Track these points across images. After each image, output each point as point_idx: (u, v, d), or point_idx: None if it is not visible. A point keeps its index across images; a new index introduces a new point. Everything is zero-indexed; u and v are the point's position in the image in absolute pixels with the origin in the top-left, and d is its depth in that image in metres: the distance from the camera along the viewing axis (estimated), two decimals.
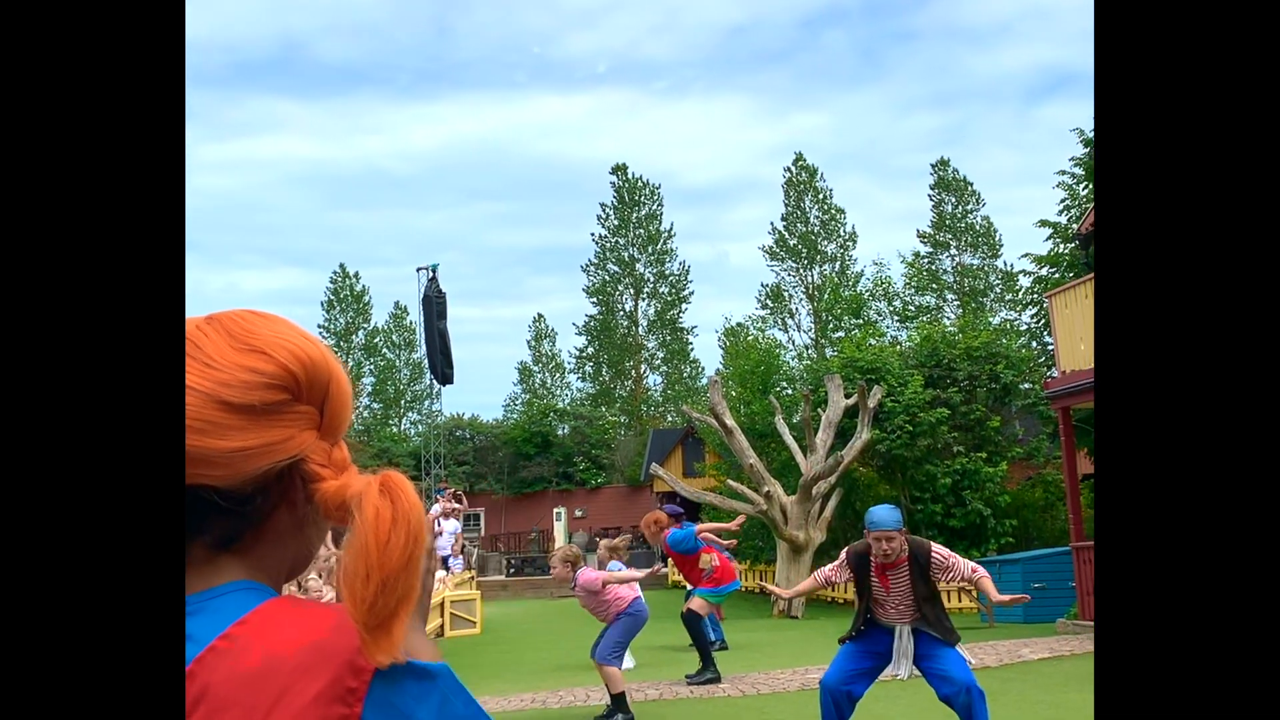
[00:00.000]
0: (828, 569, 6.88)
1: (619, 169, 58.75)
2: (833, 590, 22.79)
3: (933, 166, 55.88)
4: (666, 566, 27.34)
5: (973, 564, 6.62)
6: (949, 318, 42.46)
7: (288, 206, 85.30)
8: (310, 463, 1.08)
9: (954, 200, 54.88)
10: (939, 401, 21.69)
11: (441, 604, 17.89)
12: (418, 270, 29.05)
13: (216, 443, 1.01)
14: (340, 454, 1.11)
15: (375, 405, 57.82)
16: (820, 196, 55.77)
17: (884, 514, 6.45)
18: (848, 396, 21.24)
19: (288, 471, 1.07)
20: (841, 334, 31.33)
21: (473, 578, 23.42)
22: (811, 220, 55.37)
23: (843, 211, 55.59)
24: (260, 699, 0.97)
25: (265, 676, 0.98)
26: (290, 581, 1.17)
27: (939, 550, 6.53)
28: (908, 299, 43.18)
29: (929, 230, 54.65)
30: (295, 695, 0.97)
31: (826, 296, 44.39)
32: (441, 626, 17.90)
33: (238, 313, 1.11)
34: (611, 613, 9.15)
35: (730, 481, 22.31)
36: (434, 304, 28.32)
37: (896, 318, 37.76)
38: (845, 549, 6.77)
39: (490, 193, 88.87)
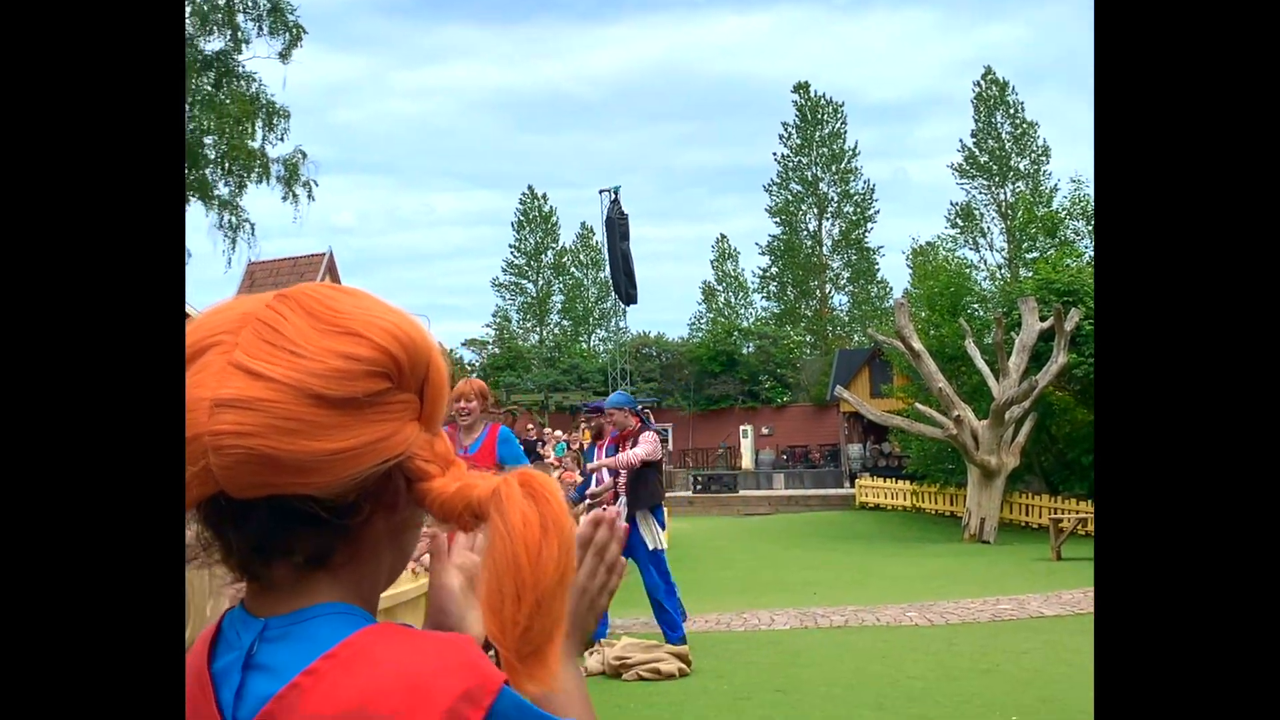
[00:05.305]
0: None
1: (801, 87, 57.67)
2: (1029, 515, 22.36)
3: None
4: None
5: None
6: None
7: (478, 131, 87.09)
8: (416, 459, 0.93)
9: None
10: None
11: None
12: (600, 193, 29.37)
13: (312, 445, 0.86)
14: (442, 446, 0.96)
15: (565, 323, 59.09)
16: (1012, 111, 53.55)
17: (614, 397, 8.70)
18: (1043, 319, 20.59)
19: (389, 471, 0.91)
20: (1036, 254, 30.19)
21: None
22: (1003, 136, 53.28)
23: (1035, 126, 53.24)
24: None
25: None
26: (387, 589, 1.03)
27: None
28: None
29: None
30: None
31: (1020, 215, 42.76)
32: None
33: (313, 287, 0.94)
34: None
35: (918, 405, 22.02)
36: (616, 226, 28.59)
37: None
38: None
39: (671, 114, 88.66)
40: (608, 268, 33.88)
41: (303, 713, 0.85)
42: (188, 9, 27.89)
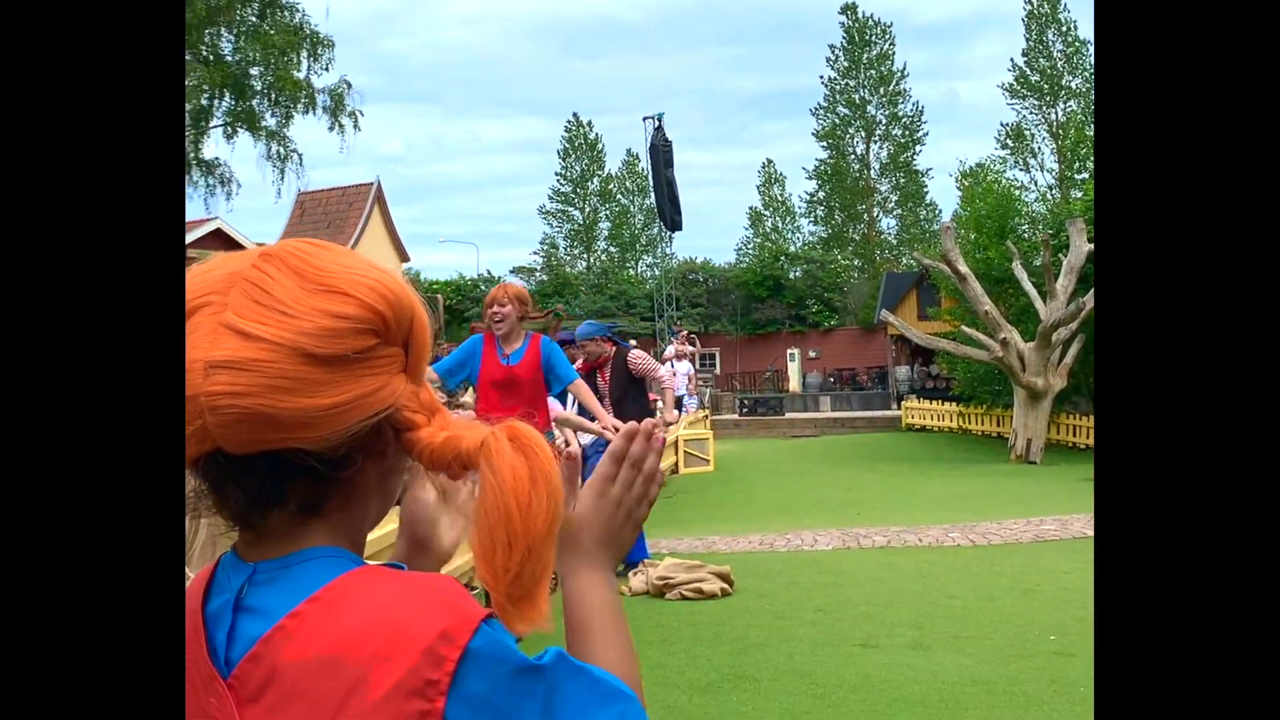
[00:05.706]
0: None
1: (848, 8, 56.84)
2: (1076, 436, 22.33)
3: None
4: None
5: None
6: None
7: (522, 57, 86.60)
8: (403, 410, 0.97)
9: None
10: None
11: (676, 442, 18.50)
12: (644, 119, 29.36)
13: (305, 402, 0.90)
14: (427, 394, 1.01)
15: (612, 249, 59.13)
16: (1064, 29, 52.38)
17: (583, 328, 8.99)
18: (1091, 241, 20.34)
19: (378, 423, 0.96)
20: (1086, 175, 29.71)
21: (706, 416, 24.04)
22: (1055, 54, 52.21)
23: (1088, 44, 52.04)
24: (331, 690, 0.88)
25: (337, 664, 0.89)
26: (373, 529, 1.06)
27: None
28: None
29: None
30: (369, 687, 0.87)
31: (1071, 135, 41.96)
32: (675, 464, 18.59)
33: (296, 245, 0.97)
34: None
35: (965, 328, 21.92)
36: (660, 153, 28.68)
37: None
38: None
39: (717, 38, 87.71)
40: (652, 195, 34.02)
41: (287, 654, 0.90)
42: None
